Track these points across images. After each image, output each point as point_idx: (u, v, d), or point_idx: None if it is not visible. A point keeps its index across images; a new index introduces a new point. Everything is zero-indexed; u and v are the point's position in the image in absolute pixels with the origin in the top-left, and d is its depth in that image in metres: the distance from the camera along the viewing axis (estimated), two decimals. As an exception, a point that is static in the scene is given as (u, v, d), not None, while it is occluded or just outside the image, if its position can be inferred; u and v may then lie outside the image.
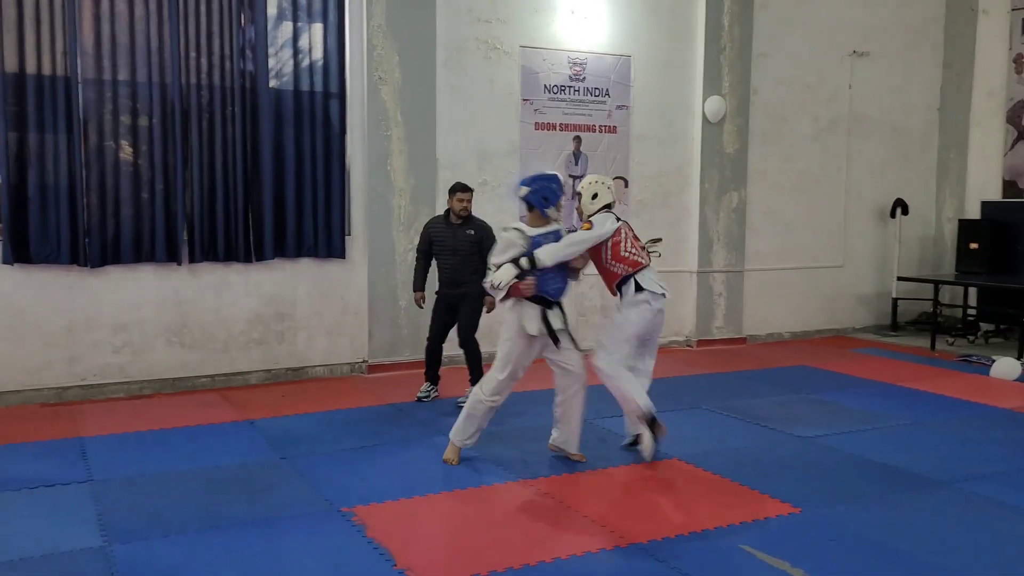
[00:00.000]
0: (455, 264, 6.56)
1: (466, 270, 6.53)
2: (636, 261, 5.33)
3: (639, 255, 5.37)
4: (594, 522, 4.38)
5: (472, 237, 6.55)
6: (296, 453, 5.46)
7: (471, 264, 6.50)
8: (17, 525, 4.27)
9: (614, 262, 5.33)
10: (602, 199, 5.43)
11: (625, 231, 5.40)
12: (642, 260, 5.35)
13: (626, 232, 5.41)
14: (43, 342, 6.72)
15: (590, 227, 5.25)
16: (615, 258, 5.32)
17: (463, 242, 6.54)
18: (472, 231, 6.57)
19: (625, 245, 5.34)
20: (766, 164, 9.75)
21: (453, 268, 6.58)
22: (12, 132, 6.49)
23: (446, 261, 6.63)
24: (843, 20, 10.03)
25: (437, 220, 6.77)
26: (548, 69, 8.55)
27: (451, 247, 6.57)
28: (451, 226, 6.62)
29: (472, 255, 6.50)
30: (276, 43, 7.37)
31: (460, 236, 6.57)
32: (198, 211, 7.10)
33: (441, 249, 6.64)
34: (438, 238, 6.65)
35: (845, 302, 10.47)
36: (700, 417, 6.48)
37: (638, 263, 5.33)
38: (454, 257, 6.56)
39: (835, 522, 4.41)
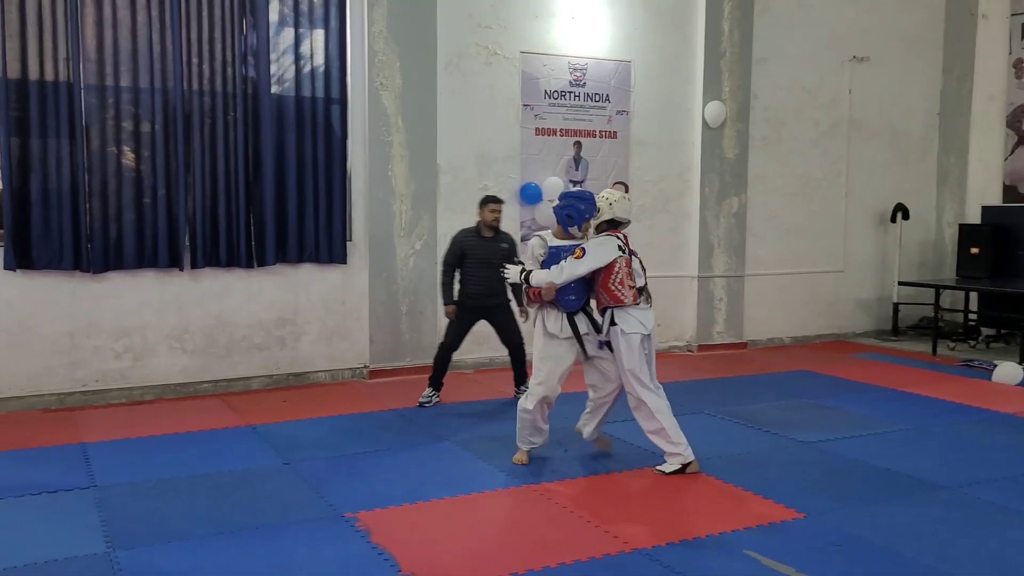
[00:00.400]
0: (489, 276, 6.56)
1: (500, 281, 6.42)
2: (617, 297, 5.21)
3: (623, 292, 5.20)
4: (598, 527, 4.38)
5: (505, 250, 6.70)
6: (299, 459, 5.46)
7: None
8: (21, 531, 4.27)
9: (601, 290, 5.28)
10: (601, 215, 5.31)
11: (620, 264, 5.21)
12: (624, 298, 5.20)
13: (621, 266, 5.21)
14: (45, 348, 6.72)
15: (581, 255, 5.14)
16: (603, 287, 5.25)
17: (497, 255, 6.62)
18: (505, 244, 6.77)
19: (615, 279, 5.19)
20: (766, 169, 9.77)
21: (488, 280, 6.62)
22: (15, 137, 6.49)
23: (479, 273, 6.69)
24: (843, 25, 10.06)
25: (469, 232, 6.82)
26: (548, 74, 8.57)
27: (485, 259, 6.64)
28: (484, 238, 6.73)
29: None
30: (278, 49, 7.38)
31: (494, 249, 6.69)
32: (200, 216, 7.10)
33: (475, 261, 6.70)
34: (472, 250, 6.71)
35: (846, 307, 10.49)
36: (702, 422, 6.48)
37: (619, 300, 5.21)
38: (489, 269, 6.56)
39: (839, 527, 4.41)
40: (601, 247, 5.20)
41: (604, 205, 5.32)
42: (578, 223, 5.25)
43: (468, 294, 6.76)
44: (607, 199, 5.34)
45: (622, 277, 5.20)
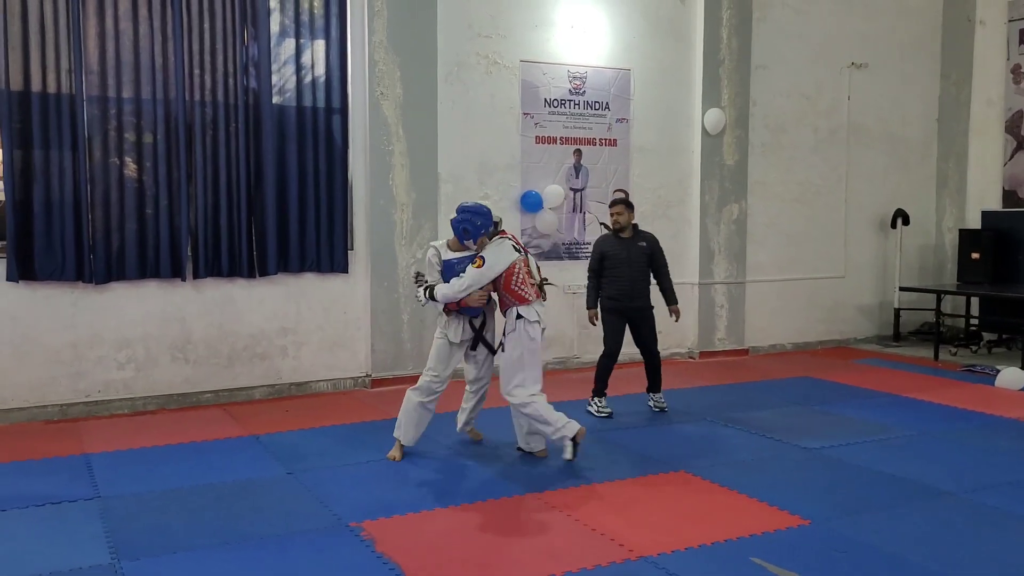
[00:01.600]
0: (632, 277, 6.77)
1: (642, 283, 6.83)
2: (522, 296, 5.47)
3: (526, 291, 5.48)
4: (603, 535, 4.38)
5: (644, 249, 6.80)
6: (302, 468, 5.46)
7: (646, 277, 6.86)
8: (26, 542, 4.27)
9: (504, 293, 5.50)
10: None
11: (519, 265, 5.50)
12: (528, 297, 5.48)
13: (520, 267, 5.50)
14: (47, 358, 6.72)
15: (481, 264, 5.37)
16: (505, 289, 5.48)
17: (637, 255, 6.76)
18: (644, 244, 6.82)
19: (516, 280, 5.46)
20: (766, 175, 9.79)
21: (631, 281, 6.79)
22: (17, 149, 6.51)
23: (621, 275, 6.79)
24: (841, 32, 10.10)
25: (607, 235, 6.95)
26: (548, 83, 8.60)
27: (624, 260, 6.77)
28: (621, 239, 6.82)
29: (646, 267, 6.84)
30: (279, 60, 7.41)
31: (634, 250, 6.79)
32: (202, 227, 7.12)
33: (612, 263, 6.79)
34: (610, 253, 6.82)
35: (847, 313, 10.49)
36: (705, 429, 6.48)
37: (524, 299, 5.47)
38: (629, 269, 6.76)
39: (844, 533, 4.41)
40: (498, 253, 5.44)
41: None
42: (473, 237, 5.48)
43: (609, 296, 6.82)
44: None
45: (523, 277, 5.47)
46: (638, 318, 6.86)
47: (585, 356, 8.88)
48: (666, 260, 6.95)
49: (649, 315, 6.89)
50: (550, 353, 8.72)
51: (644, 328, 6.91)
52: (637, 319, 6.86)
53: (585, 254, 8.82)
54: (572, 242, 8.79)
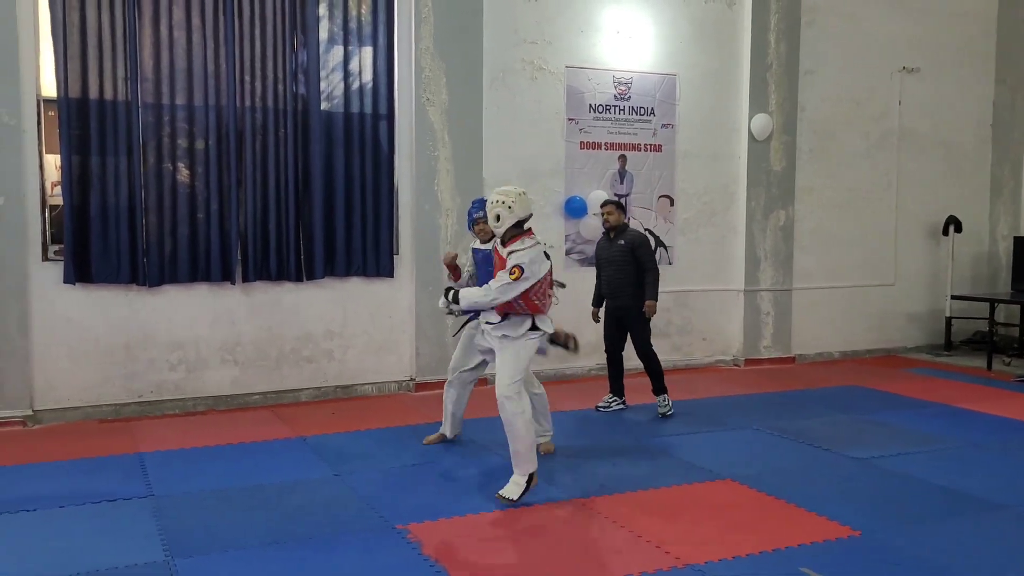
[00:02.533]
0: (610, 277, 6.94)
1: (621, 283, 6.90)
2: (537, 307, 5.01)
3: (542, 302, 5.04)
4: (649, 542, 4.36)
5: (622, 248, 6.88)
6: (349, 470, 5.52)
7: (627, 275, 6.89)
8: (83, 539, 4.37)
9: (520, 300, 4.93)
10: (503, 221, 4.91)
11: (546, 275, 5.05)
12: (543, 309, 5.06)
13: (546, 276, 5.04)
14: (102, 359, 6.88)
15: (520, 275, 4.80)
16: (523, 298, 4.93)
17: (617, 254, 6.89)
18: (622, 242, 6.90)
19: (539, 289, 4.98)
20: (814, 181, 9.67)
21: (608, 281, 6.97)
22: (75, 155, 6.68)
23: (602, 274, 7.06)
24: (892, 36, 9.94)
25: (600, 237, 7.24)
26: (593, 88, 8.59)
27: (605, 259, 6.98)
28: (607, 239, 7.04)
29: (626, 266, 6.86)
30: (327, 66, 7.51)
31: (613, 248, 6.93)
32: (251, 231, 7.24)
33: (600, 263, 7.08)
34: (598, 252, 7.14)
35: (896, 321, 10.31)
36: (751, 437, 6.42)
37: (539, 309, 5.03)
38: (609, 269, 6.94)
39: (895, 545, 4.33)
40: (535, 263, 4.87)
41: (503, 210, 4.89)
42: (468, 226, 5.75)
43: (604, 296, 7.08)
44: (503, 202, 4.89)
45: (544, 287, 5.04)
46: (624, 318, 7.00)
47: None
48: (652, 257, 6.93)
49: (634, 315, 6.91)
50: (592, 360, 8.71)
51: (630, 328, 7.01)
52: (623, 319, 7.01)
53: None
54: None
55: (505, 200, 4.89)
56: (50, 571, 3.98)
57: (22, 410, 6.58)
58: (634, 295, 6.87)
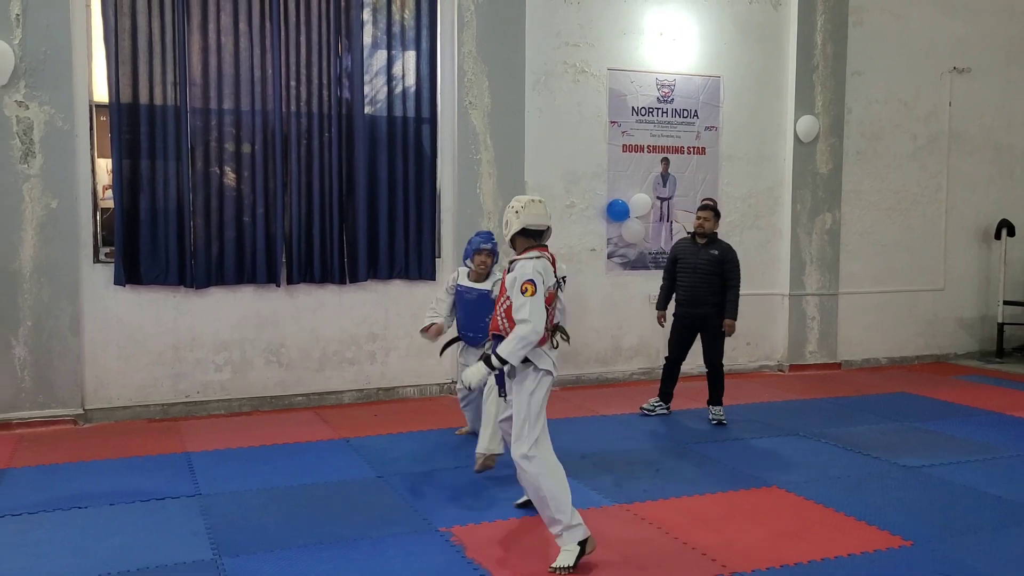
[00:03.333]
0: (694, 283, 6.78)
1: (707, 291, 6.75)
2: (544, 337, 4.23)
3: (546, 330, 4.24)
4: (695, 549, 4.31)
5: (715, 258, 6.74)
6: (392, 472, 5.54)
7: (711, 286, 6.76)
8: (133, 536, 4.44)
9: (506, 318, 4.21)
10: (509, 227, 4.35)
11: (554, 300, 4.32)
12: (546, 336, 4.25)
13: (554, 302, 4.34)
14: (151, 360, 7.00)
15: (533, 291, 4.09)
16: (507, 314, 4.19)
17: (704, 262, 6.74)
18: (716, 252, 6.76)
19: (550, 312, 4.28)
20: (861, 184, 9.52)
21: (693, 288, 6.80)
22: (126, 159, 6.81)
23: (685, 280, 6.86)
24: (941, 36, 9.75)
25: (684, 238, 7.09)
26: (636, 91, 8.55)
27: (691, 266, 6.80)
28: (695, 244, 6.87)
29: (712, 276, 6.74)
30: (371, 71, 7.56)
31: (703, 256, 6.77)
32: (296, 234, 7.31)
33: (682, 268, 6.88)
34: (681, 256, 6.92)
35: (946, 327, 10.10)
36: (798, 444, 6.32)
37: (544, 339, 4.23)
38: (694, 276, 6.77)
39: (949, 555, 4.23)
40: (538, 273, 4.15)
41: (510, 215, 4.35)
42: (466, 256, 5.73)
43: (677, 301, 6.95)
44: (512, 207, 4.38)
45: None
46: (701, 327, 6.86)
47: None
48: (738, 274, 6.80)
49: (712, 325, 6.78)
50: (635, 364, 8.66)
51: (706, 338, 6.88)
52: (700, 328, 6.88)
53: (673, 263, 8.74)
54: (659, 252, 8.70)
55: (514, 205, 4.36)
56: (102, 567, 4.05)
57: (73, 409, 6.72)
58: (715, 306, 6.73)
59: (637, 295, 8.59)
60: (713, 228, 6.82)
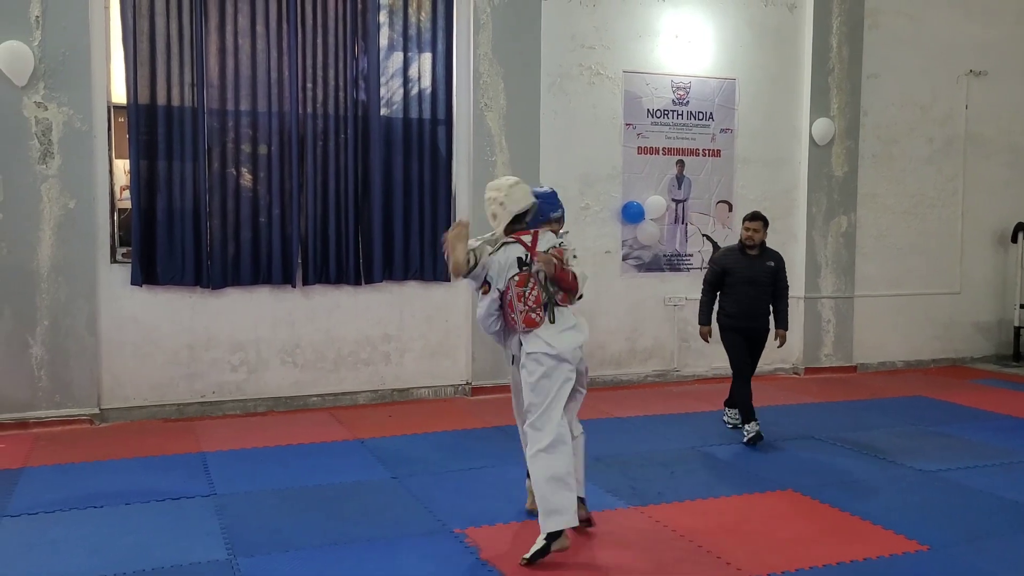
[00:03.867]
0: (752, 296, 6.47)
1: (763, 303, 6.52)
2: (512, 322, 4.31)
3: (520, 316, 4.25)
4: (709, 552, 4.30)
5: (771, 269, 6.51)
6: (406, 473, 5.55)
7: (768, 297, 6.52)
8: (148, 536, 4.46)
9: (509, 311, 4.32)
10: (500, 219, 4.30)
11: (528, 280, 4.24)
12: (516, 324, 4.28)
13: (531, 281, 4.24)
14: (167, 359, 7.03)
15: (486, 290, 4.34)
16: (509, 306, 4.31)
17: (762, 273, 6.49)
18: (772, 263, 6.54)
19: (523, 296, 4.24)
20: (877, 187, 9.47)
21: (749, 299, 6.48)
22: (143, 160, 6.84)
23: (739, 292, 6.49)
24: (958, 39, 9.69)
25: (731, 250, 6.70)
26: (651, 93, 8.53)
27: (748, 278, 6.48)
28: (747, 256, 6.53)
29: (769, 287, 6.51)
30: (387, 72, 7.58)
31: (759, 267, 6.50)
32: (312, 235, 7.33)
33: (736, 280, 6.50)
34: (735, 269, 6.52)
35: (962, 330, 10.03)
36: (813, 448, 6.29)
37: (512, 325, 4.32)
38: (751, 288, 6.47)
39: (966, 560, 4.21)
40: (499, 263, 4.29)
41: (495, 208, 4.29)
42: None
43: (727, 314, 6.55)
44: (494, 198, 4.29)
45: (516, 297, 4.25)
46: (755, 339, 6.56)
47: (685, 370, 8.75)
48: (787, 281, 6.65)
49: (765, 338, 6.59)
50: (649, 366, 8.64)
51: (756, 351, 6.62)
52: (754, 339, 6.56)
53: (687, 265, 8.72)
54: (674, 254, 8.68)
55: (496, 196, 4.28)
56: (118, 567, 4.07)
57: (90, 408, 6.76)
58: (768, 316, 6.55)
59: (652, 297, 8.58)
60: (763, 238, 6.53)
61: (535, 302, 4.23)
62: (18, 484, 5.25)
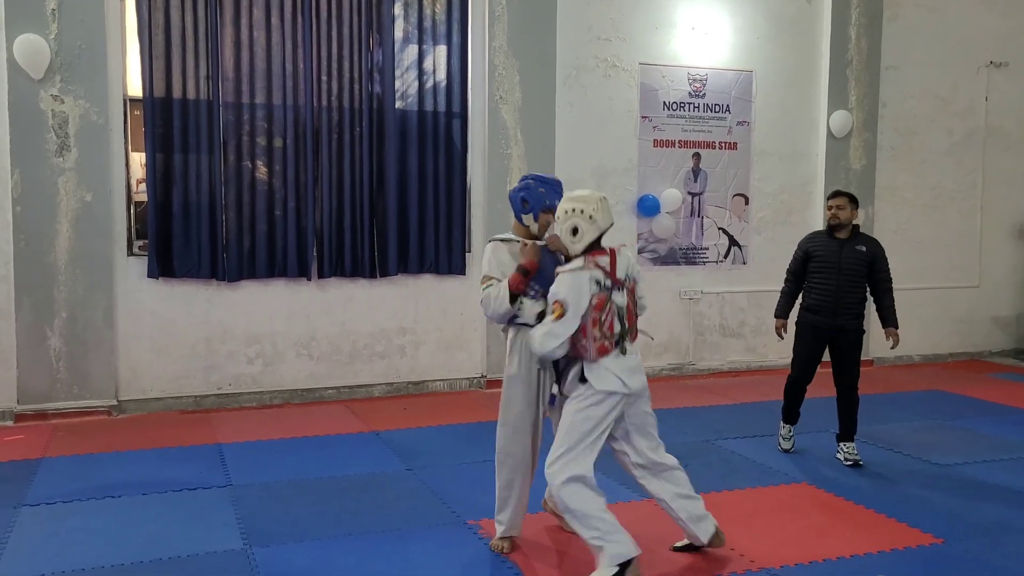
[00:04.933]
0: (837, 287, 5.59)
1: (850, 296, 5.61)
2: (582, 349, 3.87)
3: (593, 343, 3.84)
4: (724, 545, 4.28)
5: (863, 255, 5.57)
6: (421, 465, 5.57)
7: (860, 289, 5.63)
8: (165, 526, 4.50)
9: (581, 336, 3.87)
10: (585, 235, 3.84)
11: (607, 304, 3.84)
12: (588, 351, 3.86)
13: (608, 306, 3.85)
14: (184, 352, 7.09)
15: (560, 313, 3.78)
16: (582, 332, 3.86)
17: (852, 260, 5.57)
18: (863, 248, 5.59)
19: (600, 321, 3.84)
20: (895, 180, 9.39)
21: (832, 292, 5.61)
22: (159, 153, 6.89)
23: (821, 282, 5.66)
24: (978, 30, 9.59)
25: (818, 234, 5.85)
26: (667, 86, 8.50)
27: (833, 265, 5.61)
28: (835, 239, 5.65)
29: (861, 278, 5.60)
30: (402, 65, 7.59)
31: (848, 253, 5.58)
32: (327, 228, 7.36)
33: (818, 266, 5.67)
34: (816, 253, 5.69)
35: (981, 324, 9.94)
36: (828, 441, 6.25)
37: (582, 352, 3.88)
38: (838, 278, 5.59)
39: (980, 554, 4.18)
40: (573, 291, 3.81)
41: (581, 221, 3.82)
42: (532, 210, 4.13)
43: (807, 307, 5.76)
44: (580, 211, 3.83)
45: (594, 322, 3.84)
46: (840, 340, 5.65)
47: (700, 363, 8.73)
48: (890, 274, 5.66)
49: (855, 340, 5.64)
50: (664, 360, 8.62)
51: (844, 355, 5.69)
52: (838, 341, 5.66)
53: (702, 259, 8.69)
54: (689, 247, 8.65)
55: (585, 209, 3.83)
56: (135, 556, 4.11)
57: (108, 400, 6.82)
58: (859, 315, 5.61)
59: (667, 291, 8.55)
60: (851, 218, 5.54)
61: (609, 329, 3.85)
62: (37, 474, 5.32)
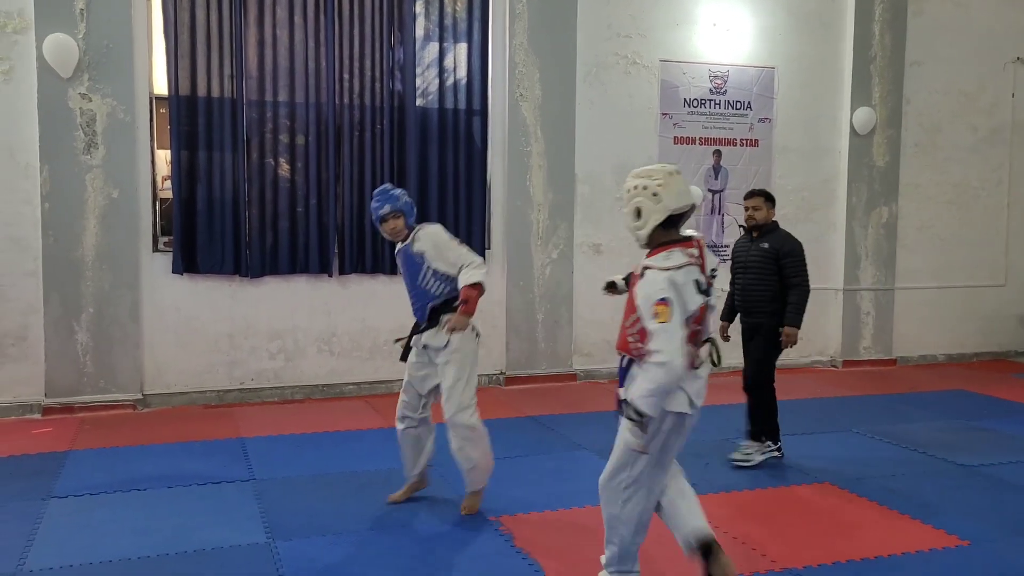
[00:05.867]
0: (744, 285, 5.60)
1: (757, 292, 5.51)
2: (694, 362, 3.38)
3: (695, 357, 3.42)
4: (744, 544, 4.28)
5: (764, 252, 5.50)
6: (440, 460, 5.55)
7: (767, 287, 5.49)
8: (190, 519, 4.55)
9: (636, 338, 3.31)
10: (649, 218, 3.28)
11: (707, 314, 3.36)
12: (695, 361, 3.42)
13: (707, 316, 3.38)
14: (207, 347, 7.15)
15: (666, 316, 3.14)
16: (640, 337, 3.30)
17: (756, 258, 5.54)
18: (766, 245, 5.52)
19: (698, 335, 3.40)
20: (919, 177, 9.31)
21: (743, 290, 5.61)
22: (184, 150, 6.96)
23: (735, 280, 5.69)
24: (1004, 25, 9.47)
25: (741, 237, 5.82)
26: (688, 83, 8.46)
27: (741, 263, 5.64)
28: (749, 238, 5.67)
29: (766, 276, 5.49)
30: (423, 63, 7.61)
31: (751, 250, 5.59)
32: (348, 225, 7.40)
33: (733, 266, 5.72)
34: (734, 253, 5.77)
35: (1007, 323, 9.83)
36: (851, 441, 6.22)
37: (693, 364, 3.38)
38: (744, 276, 5.61)
39: (1007, 556, 4.14)
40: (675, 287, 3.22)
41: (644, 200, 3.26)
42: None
43: (731, 307, 5.80)
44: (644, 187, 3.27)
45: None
46: (757, 337, 5.60)
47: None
48: (801, 271, 5.46)
49: (768, 336, 5.51)
50: (685, 357, 8.59)
51: (752, 351, 5.59)
52: (756, 338, 5.61)
53: (724, 257, 8.64)
54: (710, 244, 8.61)
55: (649, 185, 3.23)
56: (161, 548, 4.16)
57: (133, 394, 6.90)
58: (772, 313, 5.48)
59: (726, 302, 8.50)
60: (767, 217, 5.54)
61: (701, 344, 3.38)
62: (65, 466, 5.39)
